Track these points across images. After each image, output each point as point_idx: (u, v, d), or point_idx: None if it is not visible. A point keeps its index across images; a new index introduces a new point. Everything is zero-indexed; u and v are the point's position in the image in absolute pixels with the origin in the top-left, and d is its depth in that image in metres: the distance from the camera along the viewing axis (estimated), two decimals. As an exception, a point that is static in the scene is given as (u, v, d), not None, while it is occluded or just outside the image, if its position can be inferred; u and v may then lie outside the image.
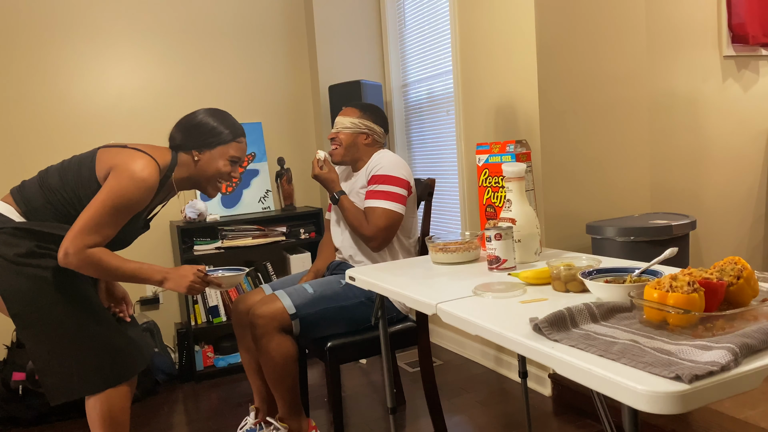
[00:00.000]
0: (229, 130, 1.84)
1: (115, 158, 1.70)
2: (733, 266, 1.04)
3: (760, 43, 2.95)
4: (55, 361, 1.69)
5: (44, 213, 1.71)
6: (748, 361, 0.84)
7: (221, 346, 3.30)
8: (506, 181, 1.69)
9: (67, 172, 1.73)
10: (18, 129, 3.16)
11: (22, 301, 1.66)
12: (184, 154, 1.83)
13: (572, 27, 2.49)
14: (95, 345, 1.73)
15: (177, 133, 1.84)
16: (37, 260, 1.68)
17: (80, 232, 1.62)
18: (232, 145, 1.85)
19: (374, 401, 2.73)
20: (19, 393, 2.70)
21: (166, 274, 1.76)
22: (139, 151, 1.72)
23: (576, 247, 2.56)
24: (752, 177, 3.05)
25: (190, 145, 1.82)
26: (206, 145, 1.82)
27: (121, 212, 1.66)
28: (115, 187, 1.65)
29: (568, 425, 2.32)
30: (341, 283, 2.14)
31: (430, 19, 3.34)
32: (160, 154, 1.79)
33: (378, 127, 2.31)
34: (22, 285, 1.66)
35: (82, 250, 1.62)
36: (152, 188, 1.70)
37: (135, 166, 1.67)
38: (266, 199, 3.59)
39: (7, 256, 1.66)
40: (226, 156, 1.84)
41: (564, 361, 0.91)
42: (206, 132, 1.81)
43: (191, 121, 1.83)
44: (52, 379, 1.70)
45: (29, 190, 1.74)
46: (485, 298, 1.30)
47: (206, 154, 1.82)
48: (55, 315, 1.68)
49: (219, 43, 3.54)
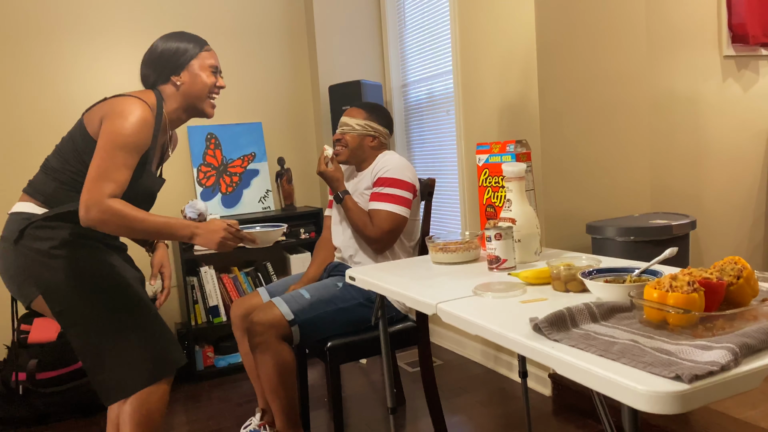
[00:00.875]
0: (192, 43, 1.78)
1: (101, 110, 1.64)
2: (733, 266, 1.04)
3: (760, 43, 2.95)
4: (106, 356, 1.61)
5: (61, 195, 1.65)
6: (748, 361, 0.84)
7: (221, 346, 3.30)
8: (506, 180, 1.69)
9: (63, 149, 1.68)
10: (19, 129, 3.16)
11: (64, 297, 1.60)
12: (164, 86, 1.76)
13: (572, 27, 2.49)
14: (143, 335, 1.65)
15: (147, 70, 1.78)
16: (72, 250, 1.62)
17: (92, 181, 1.53)
18: (203, 54, 1.78)
19: (374, 401, 2.73)
20: (19, 393, 2.70)
21: (195, 229, 1.65)
22: (122, 96, 1.67)
23: (576, 247, 2.56)
24: (752, 177, 3.05)
25: (166, 74, 1.75)
26: (180, 66, 1.75)
27: (126, 151, 1.58)
28: (111, 128, 1.57)
29: (568, 425, 2.32)
30: (338, 286, 2.13)
31: (430, 19, 3.34)
32: (142, 94, 1.72)
33: (383, 128, 2.31)
34: (62, 280, 1.59)
35: (101, 201, 1.52)
36: (149, 123, 1.63)
37: (123, 106, 1.60)
38: (266, 199, 3.59)
39: (43, 250, 1.60)
40: (204, 67, 1.77)
41: (564, 361, 0.91)
42: (173, 54, 1.75)
43: (153, 53, 1.76)
44: (105, 376, 1.61)
45: (38, 182, 1.69)
46: (485, 298, 1.30)
47: (185, 74, 1.75)
48: (100, 307, 1.62)
49: (219, 43, 3.54)
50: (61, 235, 1.62)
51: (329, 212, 2.45)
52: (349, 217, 2.18)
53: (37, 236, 1.61)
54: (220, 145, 3.52)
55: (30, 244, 1.61)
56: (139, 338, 1.64)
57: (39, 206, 1.66)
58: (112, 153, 1.56)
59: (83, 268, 1.62)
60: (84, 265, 1.62)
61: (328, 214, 2.46)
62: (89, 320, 1.61)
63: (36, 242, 1.61)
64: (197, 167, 3.46)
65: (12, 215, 1.67)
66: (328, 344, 2.07)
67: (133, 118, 1.59)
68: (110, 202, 1.54)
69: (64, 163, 1.66)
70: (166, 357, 1.68)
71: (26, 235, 1.61)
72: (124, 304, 1.65)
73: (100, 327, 1.61)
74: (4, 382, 2.72)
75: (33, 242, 1.61)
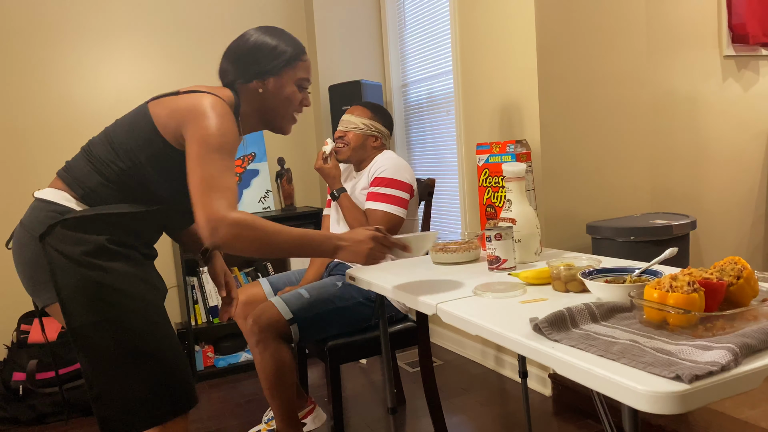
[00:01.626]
0: (291, 47, 1.53)
1: (174, 107, 1.40)
2: (733, 266, 1.04)
3: (760, 42, 2.95)
4: (116, 386, 1.36)
5: (103, 193, 1.41)
6: (748, 361, 0.84)
7: (221, 346, 3.30)
8: (506, 181, 1.69)
9: (116, 138, 1.43)
10: (19, 129, 3.16)
11: (86, 312, 1.34)
12: (245, 86, 1.52)
13: (572, 27, 2.49)
14: (164, 368, 1.40)
15: (229, 64, 1.53)
16: (107, 261, 1.36)
17: (204, 195, 1.30)
18: (299, 65, 1.55)
19: (374, 401, 2.73)
20: (19, 393, 2.70)
21: (339, 241, 1.41)
22: (198, 92, 1.43)
23: (576, 247, 2.56)
24: (752, 177, 3.05)
25: (250, 75, 1.51)
26: (269, 71, 1.51)
27: (223, 152, 1.36)
28: (203, 131, 1.35)
29: (568, 425, 2.32)
30: (337, 285, 2.13)
31: (430, 19, 3.34)
32: (218, 91, 1.50)
33: (386, 129, 2.32)
34: (88, 293, 1.34)
35: (225, 215, 1.29)
36: (233, 120, 1.42)
37: (203, 105, 1.38)
38: (266, 199, 3.59)
39: (72, 255, 1.34)
40: (294, 79, 1.54)
41: (564, 361, 0.91)
42: (266, 55, 1.51)
43: (244, 46, 1.52)
44: (110, 409, 1.36)
45: (78, 170, 1.43)
46: (485, 298, 1.30)
47: (271, 82, 1.52)
48: (124, 331, 1.36)
49: (219, 42, 3.54)
50: (97, 241, 1.37)
51: (327, 211, 2.45)
52: (345, 215, 2.19)
53: (68, 237, 1.36)
54: (220, 145, 3.51)
55: (57, 245, 1.35)
56: (162, 370, 1.40)
57: (76, 201, 1.41)
58: (210, 158, 1.34)
59: (113, 284, 1.36)
60: (115, 279, 1.37)
61: (326, 213, 2.46)
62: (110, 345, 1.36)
63: (65, 244, 1.35)
64: (197, 167, 3.46)
65: (40, 202, 1.42)
66: (328, 344, 2.07)
67: (217, 115, 1.38)
68: (237, 215, 1.30)
69: (113, 156, 1.42)
70: (186, 388, 1.44)
71: (55, 232, 1.36)
72: (155, 330, 1.40)
73: (122, 355, 1.36)
74: (5, 383, 2.72)
75: (61, 243, 1.35)
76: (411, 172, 2.24)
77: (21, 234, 1.42)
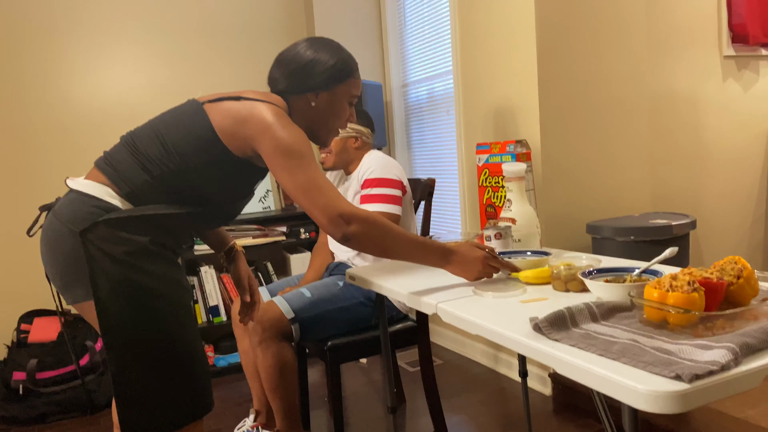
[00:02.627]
0: (346, 65, 1.54)
1: (241, 115, 1.39)
2: (733, 266, 1.04)
3: (760, 43, 2.95)
4: (145, 388, 1.35)
5: (149, 192, 1.38)
6: (748, 360, 0.84)
7: (221, 345, 3.30)
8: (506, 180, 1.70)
9: (170, 139, 1.39)
10: (20, 129, 3.16)
11: (122, 313, 1.33)
12: (296, 97, 1.52)
13: (572, 27, 2.49)
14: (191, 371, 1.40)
15: (282, 76, 1.52)
16: (147, 263, 1.35)
17: (319, 196, 1.35)
18: (351, 82, 1.55)
19: (374, 400, 2.73)
20: (19, 393, 2.70)
21: (451, 255, 1.42)
22: (256, 101, 1.42)
23: (576, 246, 2.56)
24: (752, 177, 3.05)
25: (304, 89, 1.51)
26: (324, 85, 1.51)
27: (307, 156, 1.38)
28: (278, 141, 1.36)
29: (568, 425, 2.32)
30: (339, 285, 2.14)
31: (430, 19, 3.34)
32: (273, 99, 1.49)
33: (365, 128, 2.31)
34: (127, 293, 1.33)
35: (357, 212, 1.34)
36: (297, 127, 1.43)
37: (269, 114, 1.38)
38: (266, 198, 3.59)
39: (115, 254, 1.32)
40: (346, 95, 1.55)
41: (564, 361, 0.92)
42: (322, 71, 1.50)
43: (300, 60, 1.51)
44: (136, 412, 1.35)
45: (123, 165, 1.39)
46: (485, 297, 1.30)
47: (323, 97, 1.53)
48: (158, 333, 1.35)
49: (219, 42, 3.54)
50: (140, 242, 1.34)
51: None
52: None
53: (112, 236, 1.33)
54: (220, 144, 3.52)
55: (99, 243, 1.32)
56: (185, 374, 1.40)
57: (120, 198, 1.38)
58: (299, 164, 1.36)
59: (151, 286, 1.35)
60: (153, 281, 1.36)
61: None
62: (141, 346, 1.35)
63: (108, 243, 1.32)
64: (197, 167, 3.46)
65: (81, 195, 1.38)
66: (328, 343, 2.07)
67: (285, 124, 1.38)
68: (366, 213, 1.34)
69: (164, 156, 1.38)
70: (205, 392, 1.44)
71: (98, 229, 1.33)
72: (182, 334, 1.40)
73: (151, 357, 1.36)
74: (5, 382, 2.72)
75: (104, 242, 1.32)
76: (399, 168, 2.24)
77: (56, 226, 1.37)
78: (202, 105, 1.42)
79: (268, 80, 1.56)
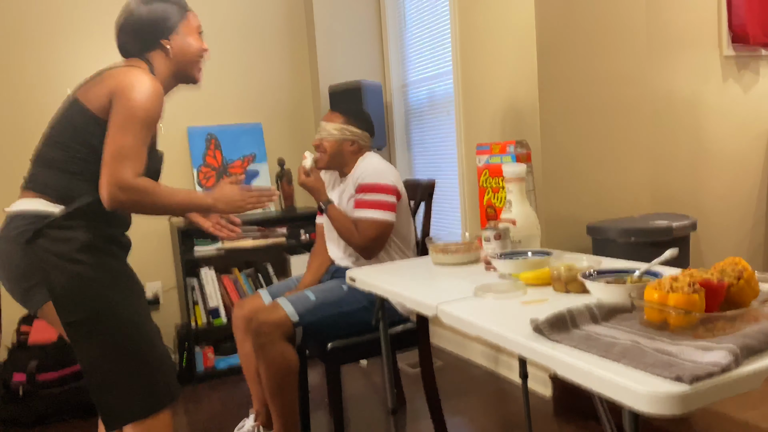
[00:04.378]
0: (175, 5, 1.65)
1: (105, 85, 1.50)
2: (734, 267, 1.04)
3: (760, 43, 2.94)
4: (116, 377, 1.46)
5: (77, 188, 1.49)
6: (749, 361, 0.84)
7: (222, 347, 3.29)
8: (506, 182, 1.69)
9: (61, 137, 1.51)
10: (20, 129, 3.16)
11: (79, 306, 1.43)
12: (153, 53, 1.63)
13: (572, 27, 2.49)
14: (153, 358, 1.51)
15: (129, 39, 1.63)
16: (95, 256, 1.47)
17: (114, 161, 1.41)
18: (189, 16, 1.68)
19: (375, 402, 2.73)
20: (19, 394, 2.70)
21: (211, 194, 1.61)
22: (123, 67, 1.54)
23: (577, 248, 2.56)
24: (753, 178, 3.05)
25: (154, 40, 1.62)
26: (168, 30, 1.62)
27: (145, 126, 1.47)
28: (127, 104, 1.45)
29: (568, 426, 2.32)
30: (343, 289, 2.13)
31: (430, 19, 3.34)
32: (137, 63, 1.60)
33: (363, 132, 2.26)
34: (80, 288, 1.44)
35: (128, 180, 1.41)
36: (161, 93, 1.53)
37: (131, 79, 1.48)
38: (266, 200, 3.58)
39: (63, 253, 1.43)
40: (192, 30, 1.67)
41: (565, 363, 0.91)
42: (160, 19, 1.62)
43: (136, 20, 1.61)
44: (113, 399, 1.46)
45: (43, 176, 1.52)
46: (486, 299, 1.30)
47: (174, 39, 1.63)
48: (116, 322, 1.46)
49: (219, 43, 3.54)
50: (81, 237, 1.46)
51: (320, 219, 2.43)
52: (335, 226, 2.15)
53: (58, 237, 1.45)
54: (220, 146, 3.52)
55: (49, 246, 1.44)
56: (151, 361, 1.50)
57: (53, 203, 1.49)
58: (132, 129, 1.45)
59: (102, 279, 1.47)
60: (103, 275, 1.47)
61: (319, 222, 2.43)
62: (104, 335, 1.45)
63: (57, 244, 1.44)
64: (197, 168, 3.46)
65: (14, 215, 1.50)
66: (328, 345, 2.06)
67: (147, 90, 1.48)
68: (138, 181, 1.44)
69: (69, 151, 1.50)
70: (170, 384, 1.55)
71: (44, 235, 1.45)
72: (139, 322, 1.51)
73: (114, 344, 1.46)
74: (5, 383, 2.72)
75: (53, 244, 1.44)
76: (395, 173, 2.20)
77: (4, 246, 1.48)
78: (76, 95, 1.53)
79: (119, 50, 1.66)
